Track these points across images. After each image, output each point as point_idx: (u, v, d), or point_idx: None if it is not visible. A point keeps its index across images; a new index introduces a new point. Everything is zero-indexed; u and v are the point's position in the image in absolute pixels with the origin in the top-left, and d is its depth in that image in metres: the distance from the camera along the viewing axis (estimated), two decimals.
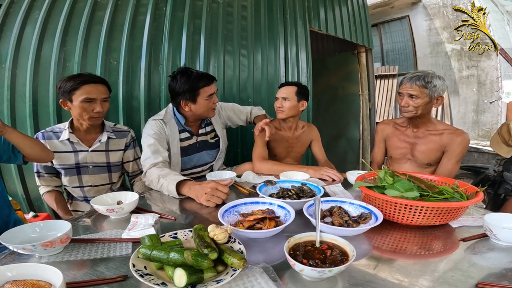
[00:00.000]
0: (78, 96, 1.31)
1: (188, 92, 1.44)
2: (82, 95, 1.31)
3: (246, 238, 0.81)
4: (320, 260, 0.63)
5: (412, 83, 1.39)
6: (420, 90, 1.37)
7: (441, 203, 0.83)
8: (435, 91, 1.37)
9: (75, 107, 1.33)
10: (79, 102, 1.31)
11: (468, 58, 5.19)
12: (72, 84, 1.30)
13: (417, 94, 1.38)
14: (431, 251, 0.78)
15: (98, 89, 1.35)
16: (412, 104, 1.40)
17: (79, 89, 1.30)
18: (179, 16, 2.04)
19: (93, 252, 0.76)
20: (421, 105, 1.39)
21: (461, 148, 1.42)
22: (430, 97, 1.38)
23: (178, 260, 0.59)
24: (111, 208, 0.96)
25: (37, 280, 0.58)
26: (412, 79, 1.39)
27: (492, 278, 0.64)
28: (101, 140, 1.45)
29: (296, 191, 1.08)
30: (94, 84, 1.34)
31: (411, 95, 1.39)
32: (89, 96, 1.32)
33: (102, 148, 1.47)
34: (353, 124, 3.87)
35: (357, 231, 0.81)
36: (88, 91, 1.31)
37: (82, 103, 1.31)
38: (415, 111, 1.41)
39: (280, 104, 1.73)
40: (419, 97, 1.38)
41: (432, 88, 1.36)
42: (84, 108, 1.32)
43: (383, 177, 0.97)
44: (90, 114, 1.34)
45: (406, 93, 1.41)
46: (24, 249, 0.69)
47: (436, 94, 1.38)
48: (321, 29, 2.88)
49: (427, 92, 1.37)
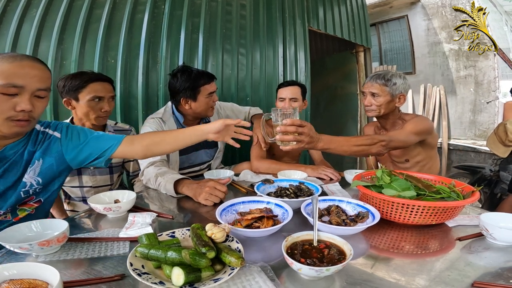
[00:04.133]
0: (85, 94, 1.25)
1: (188, 90, 1.43)
2: (90, 93, 1.25)
3: (244, 237, 0.81)
4: (318, 259, 0.64)
5: (373, 82, 1.43)
6: (381, 88, 1.40)
7: (437, 203, 0.83)
8: (395, 89, 1.40)
9: (81, 106, 1.27)
10: (86, 101, 1.25)
11: (465, 58, 5.20)
12: (78, 82, 1.24)
13: (378, 92, 1.41)
14: (428, 250, 0.78)
15: (105, 87, 1.30)
16: (375, 102, 1.43)
17: (86, 87, 1.25)
18: (178, 14, 2.03)
19: (90, 251, 0.75)
20: (383, 103, 1.42)
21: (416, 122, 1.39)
22: (392, 95, 1.41)
23: (175, 259, 0.59)
24: (109, 207, 0.96)
25: (34, 279, 0.58)
26: (373, 78, 1.43)
27: (488, 278, 0.64)
28: None
29: (294, 190, 1.08)
30: (101, 82, 1.29)
31: (373, 94, 1.43)
32: (97, 94, 1.27)
33: None
34: (351, 123, 3.89)
35: (354, 230, 0.81)
36: (95, 89, 1.26)
37: (89, 101, 1.26)
38: (378, 109, 1.44)
39: (289, 105, 1.67)
40: (380, 95, 1.41)
41: (393, 86, 1.39)
42: (91, 107, 1.27)
43: (381, 176, 0.97)
44: (97, 113, 1.29)
45: (368, 91, 1.45)
46: (20, 248, 0.69)
47: (397, 92, 1.41)
48: (320, 29, 2.89)
49: (388, 90, 1.40)
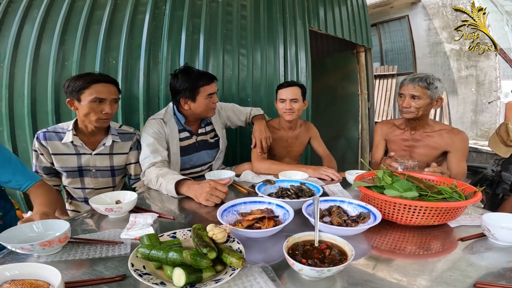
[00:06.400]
0: (88, 95, 1.24)
1: (188, 91, 1.43)
2: (92, 94, 1.24)
3: (245, 237, 0.81)
4: (319, 259, 0.64)
5: (415, 84, 1.42)
6: (423, 91, 1.41)
7: (439, 203, 0.83)
8: (436, 92, 1.41)
9: (82, 106, 1.26)
10: (87, 101, 1.25)
11: (467, 58, 5.20)
12: (81, 83, 1.24)
13: (419, 95, 1.41)
14: (430, 251, 0.78)
15: (108, 89, 1.29)
16: (414, 105, 1.43)
17: (89, 88, 1.24)
18: (179, 15, 2.04)
19: (91, 251, 0.76)
20: (423, 106, 1.43)
21: (465, 146, 1.46)
22: (431, 98, 1.42)
23: (177, 260, 0.59)
24: (110, 208, 0.96)
25: (35, 280, 0.58)
26: (415, 80, 1.43)
27: (490, 278, 0.64)
28: (106, 144, 1.39)
29: (295, 190, 1.08)
30: (105, 83, 1.28)
31: (414, 96, 1.43)
32: (99, 96, 1.25)
33: (106, 151, 1.41)
34: (352, 124, 3.88)
35: (355, 231, 0.81)
36: (98, 90, 1.25)
37: (91, 103, 1.25)
38: (416, 112, 1.44)
39: (290, 106, 1.67)
40: (422, 98, 1.42)
41: (434, 89, 1.40)
42: (92, 108, 1.26)
43: (382, 177, 0.97)
44: (98, 115, 1.28)
45: (408, 94, 1.44)
46: (22, 248, 0.69)
47: (437, 96, 1.42)
48: (321, 29, 2.89)
49: (429, 93, 1.41)
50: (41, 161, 1.36)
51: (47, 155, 1.34)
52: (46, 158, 1.35)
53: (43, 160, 1.35)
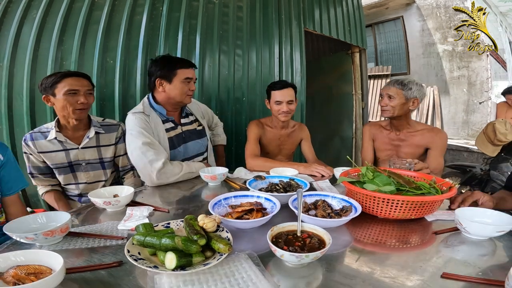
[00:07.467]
0: (61, 89, 1.30)
1: (165, 70, 1.43)
2: (65, 87, 1.30)
3: (234, 228, 0.86)
4: (299, 247, 0.69)
5: (391, 85, 1.58)
6: (397, 91, 1.54)
7: (415, 197, 0.88)
8: (410, 93, 1.53)
9: (58, 100, 1.32)
10: (62, 94, 1.30)
11: (459, 59, 5.28)
12: (53, 78, 1.30)
13: (393, 94, 1.55)
14: (407, 244, 0.83)
15: (80, 82, 1.35)
16: (390, 104, 1.56)
17: (61, 81, 1.31)
18: (175, 16, 2.08)
19: (90, 241, 0.81)
20: (397, 105, 1.55)
21: (444, 144, 1.58)
22: (406, 98, 1.54)
23: (169, 245, 0.64)
24: (108, 201, 1.01)
25: (39, 265, 0.63)
26: (392, 82, 1.59)
27: (458, 269, 0.68)
28: (89, 136, 1.43)
29: (283, 185, 1.13)
30: (76, 77, 1.35)
31: (390, 96, 1.56)
32: (72, 88, 1.31)
33: (92, 144, 1.46)
34: (346, 123, 3.94)
35: (337, 222, 0.86)
36: (70, 83, 1.32)
37: (65, 95, 1.31)
38: (392, 110, 1.56)
39: (287, 108, 1.71)
40: (396, 98, 1.54)
41: (408, 90, 1.53)
42: (68, 101, 1.31)
43: (365, 173, 1.03)
44: (74, 105, 1.33)
45: (385, 94, 1.59)
46: (26, 238, 0.74)
47: (412, 96, 1.54)
48: (316, 30, 2.93)
49: (404, 93, 1.53)
50: (32, 161, 1.40)
51: (36, 155, 1.38)
52: (36, 157, 1.39)
53: (34, 161, 1.40)
